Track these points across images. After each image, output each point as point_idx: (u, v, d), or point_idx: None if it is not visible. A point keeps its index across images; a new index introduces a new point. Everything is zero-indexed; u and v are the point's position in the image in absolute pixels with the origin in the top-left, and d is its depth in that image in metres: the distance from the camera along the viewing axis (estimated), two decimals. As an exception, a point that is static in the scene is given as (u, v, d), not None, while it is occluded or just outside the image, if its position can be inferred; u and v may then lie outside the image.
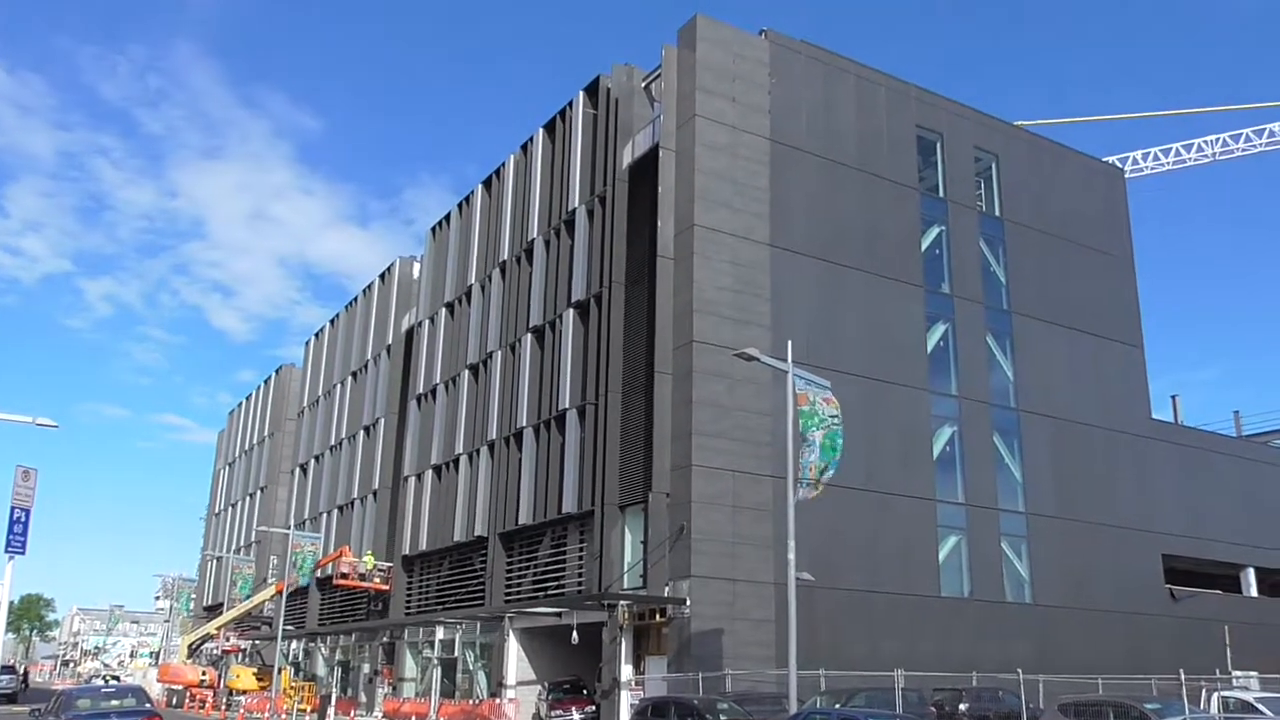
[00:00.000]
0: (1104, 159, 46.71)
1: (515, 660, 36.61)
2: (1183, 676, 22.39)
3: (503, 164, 44.48)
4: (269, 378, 76.63)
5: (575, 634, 31.91)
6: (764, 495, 30.61)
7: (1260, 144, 55.31)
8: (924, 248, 37.66)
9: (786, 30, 35.78)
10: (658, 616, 30.12)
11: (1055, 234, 41.30)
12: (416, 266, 54.33)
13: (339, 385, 60.77)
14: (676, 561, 29.73)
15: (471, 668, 40.11)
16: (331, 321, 64.92)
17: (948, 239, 38.44)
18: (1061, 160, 43.05)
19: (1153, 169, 56.55)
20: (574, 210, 37.75)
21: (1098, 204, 43.65)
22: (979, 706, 25.78)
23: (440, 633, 42.01)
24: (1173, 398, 68.14)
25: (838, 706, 22.33)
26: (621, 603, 30.90)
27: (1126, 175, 47.70)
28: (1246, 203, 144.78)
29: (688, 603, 28.94)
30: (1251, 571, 43.74)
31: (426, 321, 49.65)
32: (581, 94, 38.57)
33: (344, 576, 47.74)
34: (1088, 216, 42.86)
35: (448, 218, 49.32)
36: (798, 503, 22.55)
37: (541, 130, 41.39)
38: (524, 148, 43.02)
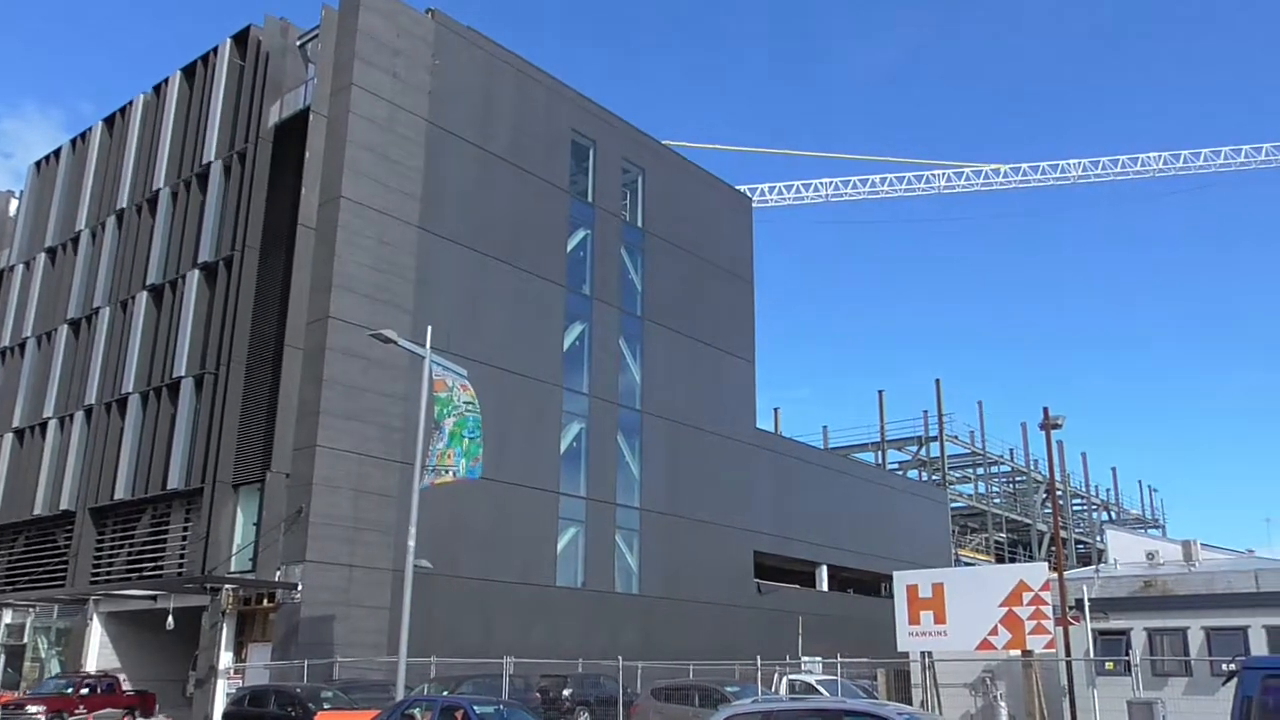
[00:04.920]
0: (736, 187, 50.71)
1: (97, 647, 33.57)
2: (759, 662, 25.42)
3: (130, 103, 40.39)
4: None
5: (171, 619, 29.85)
6: (390, 480, 30.15)
7: (864, 191, 63.35)
8: (569, 249, 38.88)
9: (452, 13, 35.46)
10: (265, 601, 28.75)
11: (688, 250, 44.21)
12: (14, 203, 48.01)
13: (-100, 329, 52.26)
14: (291, 545, 28.52)
15: (44, 655, 36.18)
16: (-104, 254, 55.65)
17: (592, 243, 39.94)
18: (700, 182, 46.19)
19: (776, 202, 62.54)
20: (209, 164, 35.07)
21: (727, 227, 47.29)
22: (580, 692, 27.06)
23: (8, 616, 37.59)
24: (775, 410, 75.33)
25: (445, 694, 22.47)
26: (226, 586, 29.17)
27: (754, 205, 52.08)
28: (848, 242, 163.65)
29: (299, 588, 27.88)
30: (825, 569, 49.45)
31: (21, 266, 44.04)
32: (229, 41, 35.90)
33: (-114, 551, 41.09)
34: (718, 237, 46.30)
35: (57, 153, 44.01)
36: (423, 490, 22.44)
37: (179, 73, 38.07)
38: (157, 90, 39.31)
